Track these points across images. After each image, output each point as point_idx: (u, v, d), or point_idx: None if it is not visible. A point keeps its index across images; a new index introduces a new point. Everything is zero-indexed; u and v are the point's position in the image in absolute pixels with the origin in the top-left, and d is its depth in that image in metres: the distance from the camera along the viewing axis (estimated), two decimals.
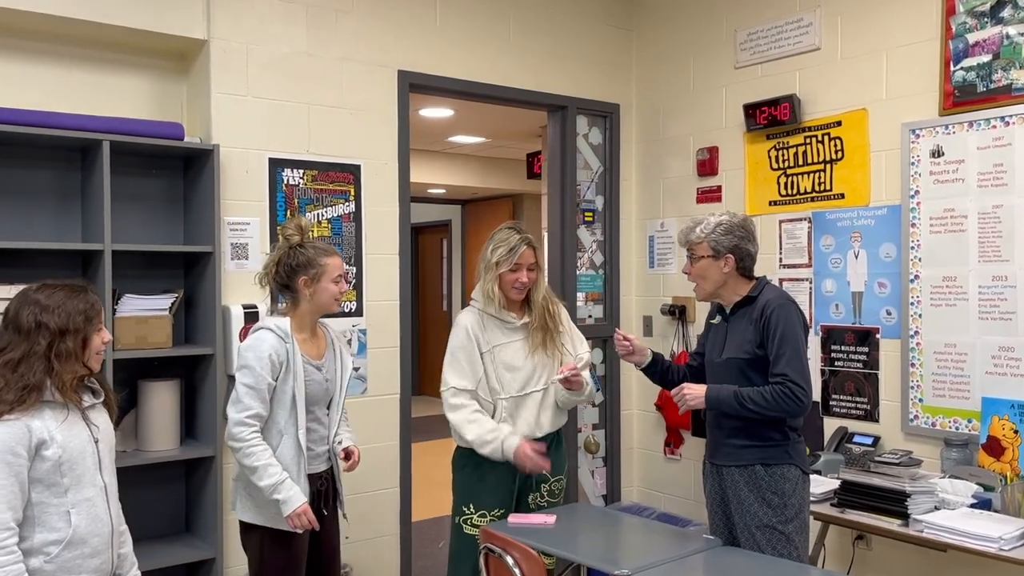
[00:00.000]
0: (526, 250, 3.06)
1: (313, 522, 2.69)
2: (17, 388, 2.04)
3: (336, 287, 2.80)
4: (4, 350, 2.09)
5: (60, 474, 2.07)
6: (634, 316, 4.76)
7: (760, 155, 4.11)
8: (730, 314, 2.83)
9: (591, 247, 4.67)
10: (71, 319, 2.14)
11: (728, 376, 2.73)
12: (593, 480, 4.66)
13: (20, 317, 2.12)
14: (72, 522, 2.08)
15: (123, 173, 3.36)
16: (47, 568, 2.05)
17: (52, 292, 2.17)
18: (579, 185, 4.59)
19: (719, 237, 2.75)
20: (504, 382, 3.06)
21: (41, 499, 2.06)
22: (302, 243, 2.79)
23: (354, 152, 3.79)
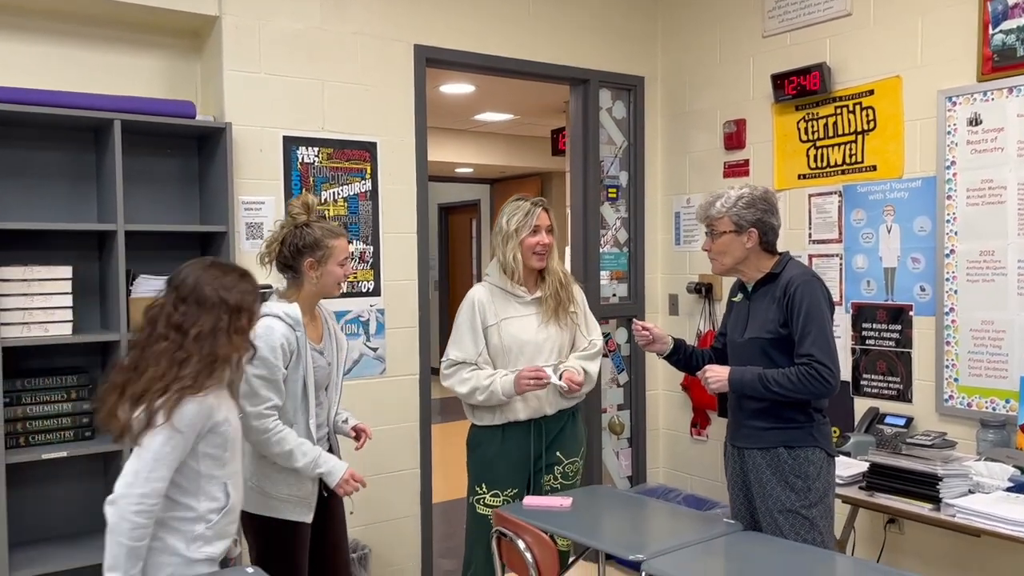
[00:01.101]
0: (541, 212, 3.01)
1: (361, 480, 2.66)
2: (209, 362, 2.08)
3: (341, 270, 2.70)
4: (190, 324, 2.09)
5: (224, 448, 2.15)
6: (659, 294, 4.66)
7: (789, 127, 3.97)
8: (752, 292, 2.72)
9: (615, 224, 4.56)
10: (245, 298, 2.18)
11: (751, 357, 2.63)
12: (618, 461, 4.59)
13: (203, 291, 2.13)
14: (229, 493, 2.18)
15: (137, 153, 3.33)
16: (207, 534, 2.14)
17: (225, 270, 2.21)
18: (602, 161, 4.49)
19: (741, 211, 2.64)
20: (512, 355, 3.00)
21: (210, 472, 2.13)
22: (308, 222, 2.67)
23: (370, 129, 3.72)
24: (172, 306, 2.14)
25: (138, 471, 2.02)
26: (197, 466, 2.12)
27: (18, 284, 2.97)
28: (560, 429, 3.06)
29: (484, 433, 3.05)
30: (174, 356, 2.08)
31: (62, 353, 3.20)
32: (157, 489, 2.03)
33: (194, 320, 2.11)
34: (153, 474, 2.02)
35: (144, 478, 2.02)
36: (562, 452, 3.05)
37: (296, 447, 2.57)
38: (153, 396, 2.05)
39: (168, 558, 2.09)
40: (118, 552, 2.00)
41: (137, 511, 2.00)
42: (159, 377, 2.06)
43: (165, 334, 2.10)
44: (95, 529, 3.27)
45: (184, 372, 2.06)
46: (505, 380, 2.92)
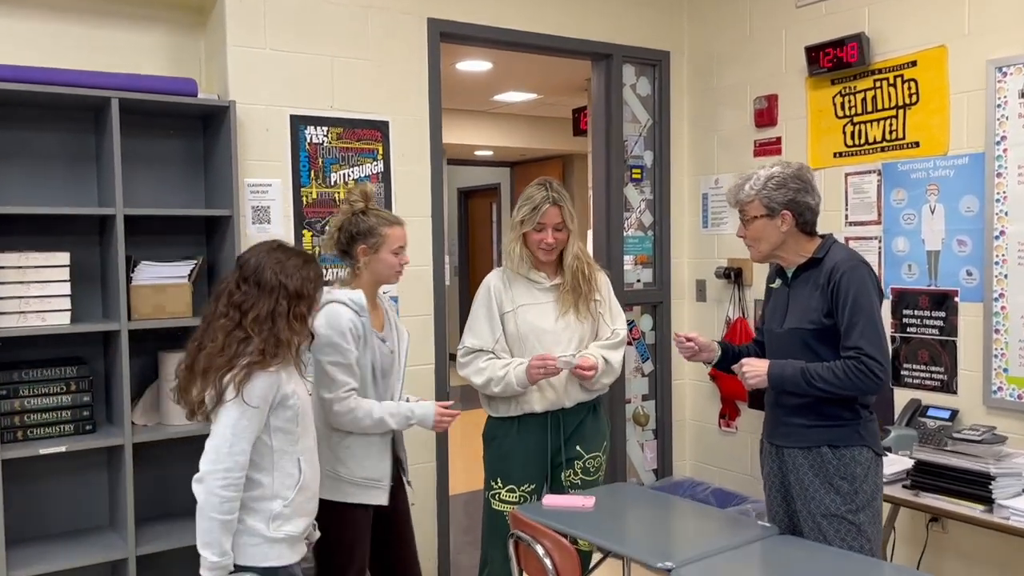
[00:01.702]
0: (550, 209, 2.82)
1: (452, 411, 2.67)
2: (272, 344, 2.10)
3: (396, 259, 2.67)
4: (249, 305, 2.13)
5: (296, 423, 2.16)
6: (686, 280, 4.46)
7: (824, 102, 3.75)
8: (792, 277, 2.52)
9: (639, 206, 4.37)
10: (305, 285, 2.18)
11: (791, 349, 2.43)
12: (643, 454, 4.41)
13: (264, 274, 2.15)
14: (302, 468, 2.18)
15: (138, 135, 3.19)
16: (285, 512, 2.15)
17: (288, 255, 2.21)
18: (626, 140, 4.29)
19: (772, 192, 2.43)
20: (528, 344, 2.84)
21: (281, 446, 2.14)
22: (366, 210, 2.66)
23: (381, 108, 3.55)
24: (235, 284, 2.18)
25: (219, 447, 2.07)
26: (270, 441, 2.14)
27: (13, 271, 2.84)
28: (579, 423, 2.90)
29: (499, 425, 2.90)
30: (232, 334, 2.12)
31: (61, 343, 3.07)
32: (240, 462, 2.07)
33: (253, 302, 2.14)
34: (234, 447, 2.06)
35: (226, 452, 2.06)
36: (582, 447, 2.89)
37: (384, 412, 2.58)
38: (218, 372, 2.09)
39: (249, 539, 2.12)
40: (210, 527, 2.05)
41: (224, 485, 2.05)
42: (217, 352, 2.10)
43: (225, 311, 2.15)
44: (97, 526, 3.17)
45: (247, 348, 2.09)
46: (519, 369, 2.77)
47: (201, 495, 2.07)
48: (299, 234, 3.38)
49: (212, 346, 2.12)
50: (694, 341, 2.63)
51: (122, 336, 2.94)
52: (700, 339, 2.64)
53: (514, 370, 2.78)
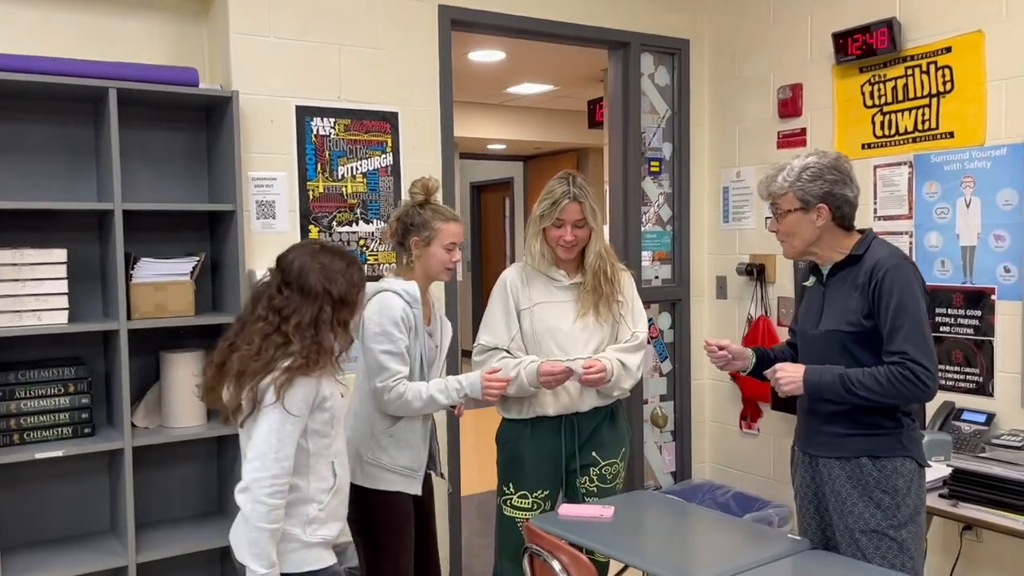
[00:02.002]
0: (569, 205, 2.68)
1: (499, 379, 2.56)
2: (314, 350, 2.03)
3: (447, 255, 2.62)
4: (291, 311, 2.05)
5: (331, 426, 2.10)
6: (706, 277, 4.32)
7: (852, 91, 3.59)
8: (828, 275, 2.37)
9: (658, 200, 4.22)
10: (350, 291, 2.12)
11: (827, 353, 2.28)
12: (661, 456, 4.27)
13: (308, 279, 2.08)
14: (335, 471, 2.13)
15: (139, 127, 3.09)
16: (321, 516, 2.09)
17: (333, 258, 2.13)
18: (644, 132, 4.14)
19: (806, 184, 2.28)
20: (544, 345, 2.71)
21: (316, 449, 2.09)
22: (424, 203, 2.63)
23: (391, 98, 3.42)
24: (276, 288, 2.11)
25: (264, 453, 1.98)
26: (306, 444, 2.07)
27: (8, 269, 2.73)
28: (595, 428, 2.76)
29: (512, 428, 2.78)
30: (270, 337, 2.04)
31: (59, 343, 2.96)
32: (286, 468, 2.00)
33: (295, 307, 2.06)
34: (280, 453, 1.99)
35: (272, 459, 1.98)
36: (599, 453, 2.76)
37: (433, 390, 2.52)
38: (255, 376, 2.01)
39: (286, 544, 2.06)
40: (258, 537, 1.98)
41: (271, 493, 1.97)
42: (253, 355, 2.02)
43: (264, 315, 2.07)
44: (98, 531, 3.07)
45: (286, 353, 2.01)
46: (530, 368, 2.64)
47: (247, 505, 1.99)
48: (305, 229, 3.26)
49: (248, 349, 2.03)
50: (727, 349, 2.48)
51: (121, 336, 2.83)
52: (733, 346, 2.49)
53: (525, 369, 2.65)
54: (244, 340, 2.06)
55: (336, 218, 3.32)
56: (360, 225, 3.37)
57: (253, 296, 2.15)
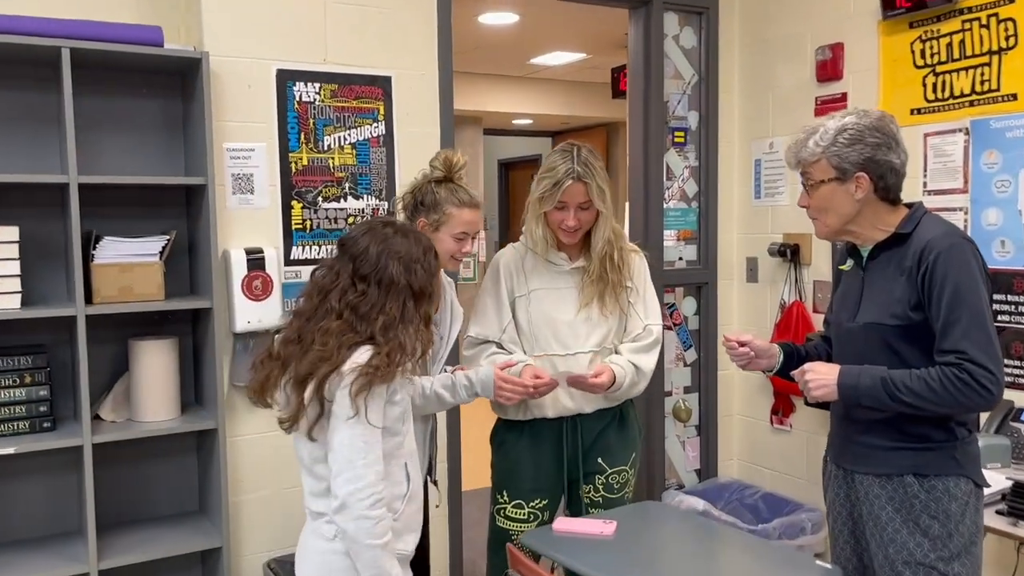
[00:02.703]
0: (573, 186, 2.34)
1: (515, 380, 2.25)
2: (397, 351, 1.79)
3: (456, 244, 2.31)
4: (369, 308, 1.81)
5: (402, 422, 1.87)
6: (735, 258, 3.96)
7: (900, 50, 3.20)
8: (868, 258, 2.01)
9: (682, 175, 3.87)
10: (430, 281, 1.89)
11: (866, 349, 1.94)
12: (684, 452, 3.95)
13: (388, 270, 1.83)
14: (409, 475, 1.90)
15: (109, 93, 2.84)
16: (396, 526, 1.84)
17: (407, 242, 1.88)
18: (667, 100, 3.78)
19: (843, 149, 1.93)
20: (541, 338, 2.40)
21: (389, 450, 1.83)
22: (442, 179, 2.32)
23: (383, 61, 3.11)
24: (350, 280, 1.84)
25: (351, 462, 1.75)
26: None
27: None
28: (601, 431, 2.45)
29: (507, 429, 2.49)
30: (344, 338, 1.79)
31: (15, 330, 2.71)
32: (379, 472, 1.77)
33: (377, 305, 1.82)
34: (369, 457, 1.76)
35: (363, 466, 1.75)
36: (605, 459, 2.44)
37: (438, 386, 2.28)
38: (322, 379, 1.76)
39: None
40: (374, 557, 1.76)
41: (372, 504, 1.75)
42: (325, 359, 1.77)
43: (340, 311, 1.82)
44: (63, 533, 2.83)
45: (361, 355, 1.77)
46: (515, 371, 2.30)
47: (349, 525, 1.75)
48: (287, 205, 2.98)
49: (320, 351, 1.77)
50: (749, 345, 2.14)
51: (78, 322, 2.58)
52: (756, 342, 2.15)
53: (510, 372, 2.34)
54: (317, 339, 1.80)
55: (322, 193, 3.03)
56: (349, 201, 3.08)
57: (319, 288, 1.87)
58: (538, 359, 2.40)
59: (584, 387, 2.30)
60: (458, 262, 2.36)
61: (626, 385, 2.37)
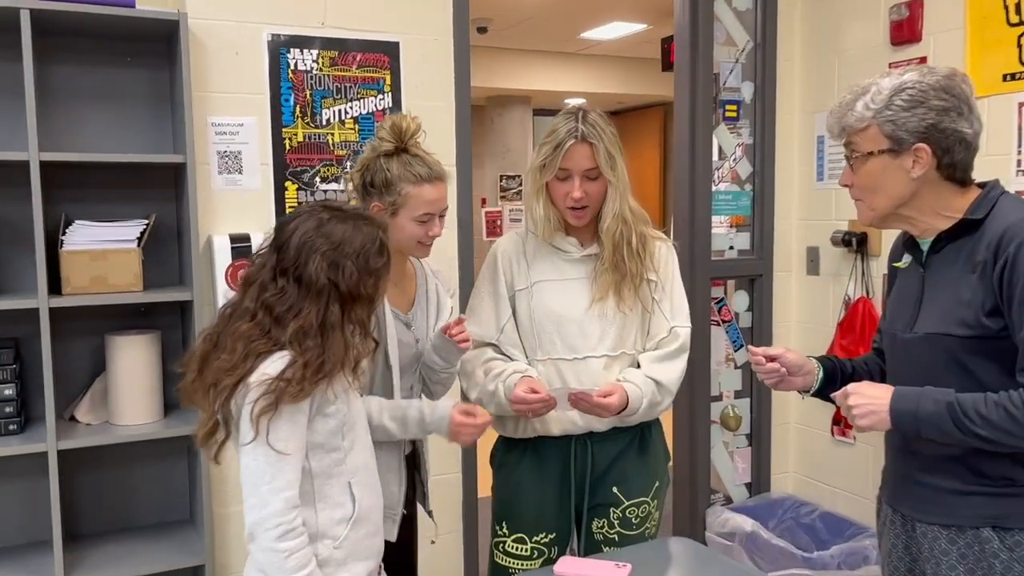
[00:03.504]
0: (576, 147, 1.96)
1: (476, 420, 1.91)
2: (313, 365, 1.52)
3: (420, 228, 1.97)
4: (286, 310, 1.55)
5: (341, 436, 1.63)
6: (793, 247, 3.52)
7: (990, 5, 2.73)
8: (930, 252, 1.61)
9: (734, 153, 3.45)
10: (363, 281, 1.59)
11: (928, 366, 1.54)
12: (733, 464, 3.55)
13: (308, 267, 1.55)
14: (355, 495, 1.65)
15: (83, 62, 2.58)
16: (337, 555, 1.62)
17: (346, 228, 1.59)
18: (718, 69, 3.36)
19: (900, 114, 1.52)
20: (545, 337, 2.05)
21: (322, 468, 1.61)
22: (395, 152, 1.96)
23: (390, 25, 2.78)
24: (271, 275, 1.58)
25: (256, 487, 1.52)
26: (308, 463, 1.59)
27: None
28: (618, 455, 2.08)
29: (508, 450, 2.15)
30: (252, 345, 1.54)
31: None
32: (288, 499, 1.53)
33: (295, 307, 1.55)
34: (276, 483, 1.52)
35: (268, 491, 1.51)
36: (621, 489, 2.08)
37: (386, 417, 1.93)
38: (223, 394, 1.54)
39: None
40: None
41: (281, 535, 1.52)
42: (230, 368, 1.54)
43: (254, 312, 1.57)
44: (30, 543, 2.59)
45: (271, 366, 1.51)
46: (511, 381, 1.98)
47: (259, 556, 1.56)
48: (280, 187, 2.68)
49: (227, 357, 1.55)
50: (779, 360, 1.75)
51: (41, 315, 2.33)
52: (788, 356, 1.76)
53: (504, 383, 1.99)
54: (228, 342, 1.56)
55: (320, 173, 2.72)
56: None
57: (247, 279, 1.62)
58: (542, 365, 2.04)
59: (589, 408, 1.93)
60: (427, 247, 2.02)
61: (643, 408, 1.99)
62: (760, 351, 1.77)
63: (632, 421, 2.05)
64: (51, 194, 2.54)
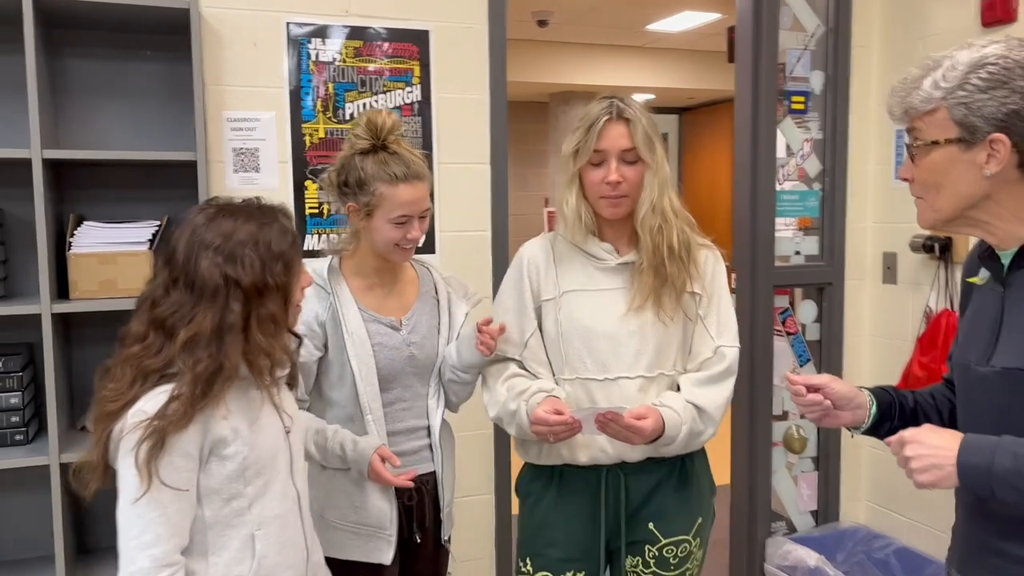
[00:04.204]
0: (612, 125, 1.75)
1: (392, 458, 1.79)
2: (204, 376, 1.37)
3: (397, 231, 1.83)
4: (174, 314, 1.40)
5: (244, 482, 1.44)
6: (868, 252, 3.20)
7: None
8: (1012, 267, 1.32)
9: (801, 149, 3.14)
10: (268, 270, 1.42)
11: (1007, 408, 1.25)
12: (797, 489, 3.24)
13: (199, 268, 1.40)
14: (257, 550, 1.45)
15: (107, 56, 2.49)
16: None
17: (234, 225, 1.43)
18: (783, 58, 3.06)
19: (976, 95, 1.24)
20: (573, 352, 1.82)
21: (218, 518, 1.43)
22: (371, 150, 1.83)
23: (419, 11, 2.59)
24: (163, 289, 1.43)
25: (125, 540, 1.35)
26: (201, 511, 1.42)
27: None
28: (654, 488, 1.84)
29: (534, 478, 1.93)
30: (143, 366, 1.38)
31: None
32: (156, 558, 1.34)
33: (187, 316, 1.39)
34: (144, 537, 1.33)
35: (135, 548, 1.34)
36: (658, 526, 1.83)
37: (311, 442, 1.82)
38: (104, 427, 1.38)
39: None
40: None
41: None
42: (116, 397, 1.38)
43: (143, 333, 1.41)
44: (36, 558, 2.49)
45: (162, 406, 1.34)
46: (534, 401, 1.77)
47: None
48: (300, 186, 2.52)
49: (114, 387, 1.39)
50: (824, 391, 1.49)
51: (44, 322, 2.22)
52: (834, 386, 1.49)
53: (527, 403, 1.78)
54: (116, 369, 1.41)
55: None
56: None
57: (138, 301, 1.47)
58: (569, 385, 1.82)
59: (618, 431, 1.69)
60: (405, 251, 1.86)
61: (681, 437, 1.74)
62: (800, 379, 1.50)
63: (669, 452, 1.81)
64: (66, 194, 2.47)
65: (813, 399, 1.48)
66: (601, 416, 1.67)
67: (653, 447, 1.78)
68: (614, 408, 1.67)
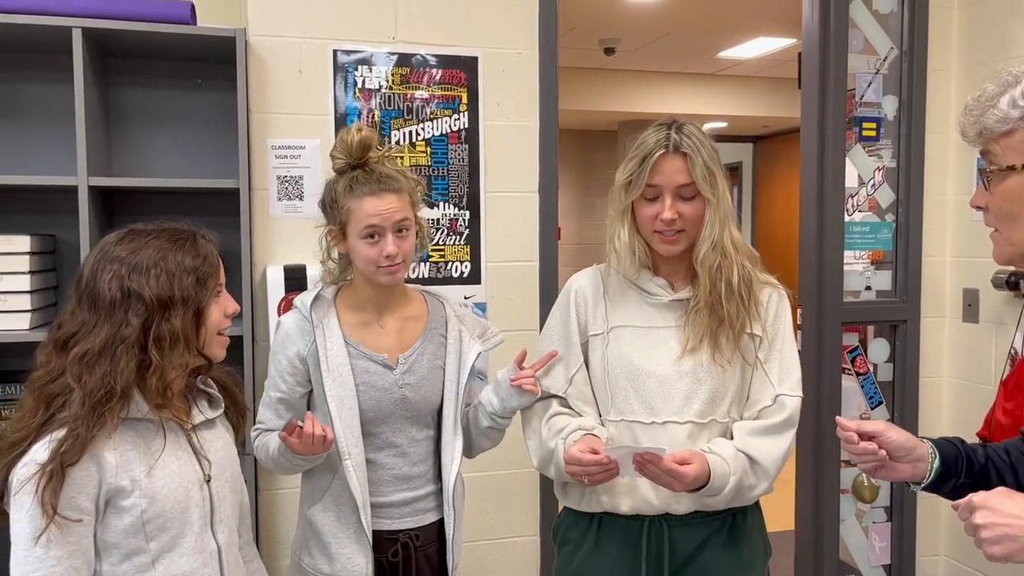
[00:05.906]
0: (668, 158, 1.63)
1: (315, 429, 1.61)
2: (92, 399, 1.28)
3: (372, 248, 1.71)
4: (75, 334, 1.35)
5: (145, 537, 1.34)
6: (948, 289, 2.99)
7: None
8: None
9: (873, 179, 2.97)
10: (176, 282, 1.36)
11: None
12: (868, 541, 3.02)
13: (98, 284, 1.35)
14: None
15: (159, 85, 2.53)
16: None
17: (144, 242, 1.39)
18: (853, 84, 2.91)
19: None
20: (620, 393, 1.70)
21: (116, 574, 1.34)
22: (351, 168, 1.76)
23: (468, 38, 2.54)
24: (69, 313, 1.38)
25: None
26: (99, 564, 1.33)
27: None
28: (702, 544, 1.70)
29: (572, 524, 1.80)
30: (44, 391, 1.31)
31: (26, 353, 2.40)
32: None
33: (79, 329, 1.33)
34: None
35: None
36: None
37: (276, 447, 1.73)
38: (6, 455, 1.30)
39: None
40: None
41: None
42: (14, 428, 1.32)
43: (46, 360, 1.35)
44: None
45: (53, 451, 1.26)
46: (572, 438, 1.67)
47: None
48: None
49: (16, 418, 1.34)
50: (879, 440, 1.35)
51: None
52: (891, 434, 1.35)
53: (564, 441, 1.67)
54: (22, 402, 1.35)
55: None
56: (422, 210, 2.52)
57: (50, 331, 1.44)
58: (614, 427, 1.70)
59: (657, 474, 1.56)
60: (389, 272, 1.73)
61: (729, 488, 1.60)
62: (852, 425, 1.36)
63: (716, 504, 1.67)
64: (116, 220, 2.48)
65: (866, 448, 1.34)
66: (639, 456, 1.54)
67: (697, 497, 1.64)
68: (653, 449, 1.55)
